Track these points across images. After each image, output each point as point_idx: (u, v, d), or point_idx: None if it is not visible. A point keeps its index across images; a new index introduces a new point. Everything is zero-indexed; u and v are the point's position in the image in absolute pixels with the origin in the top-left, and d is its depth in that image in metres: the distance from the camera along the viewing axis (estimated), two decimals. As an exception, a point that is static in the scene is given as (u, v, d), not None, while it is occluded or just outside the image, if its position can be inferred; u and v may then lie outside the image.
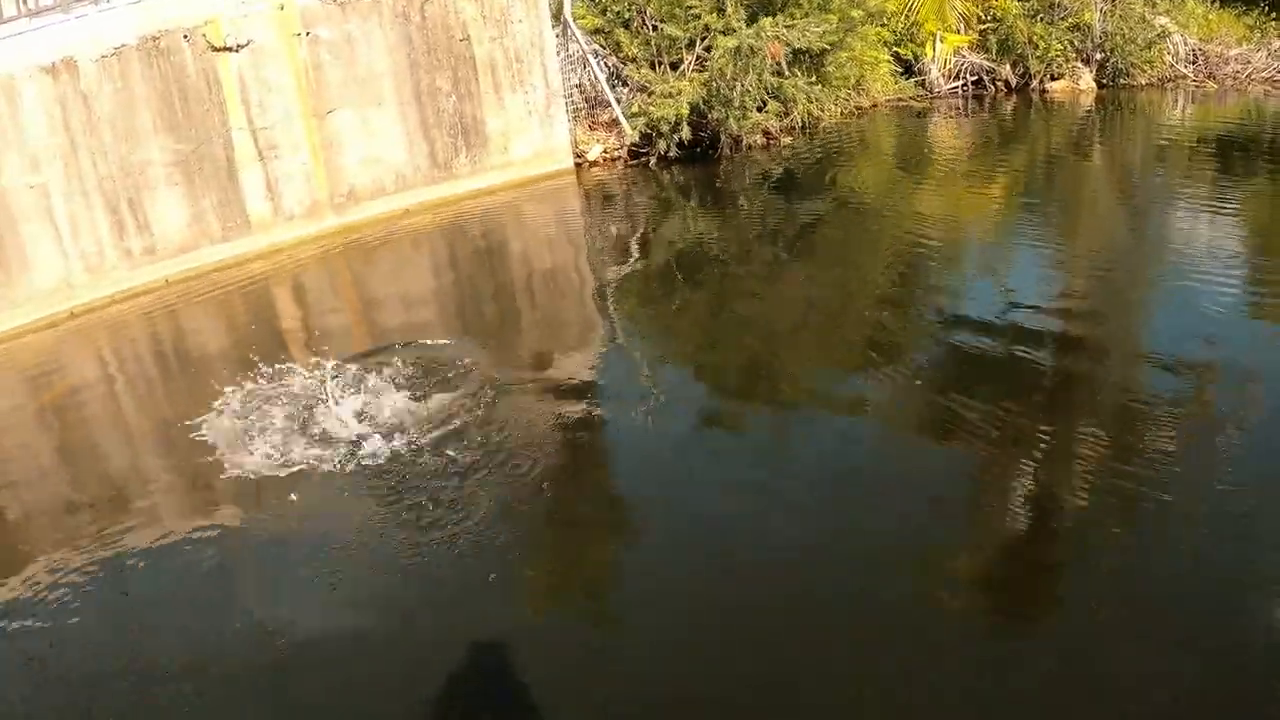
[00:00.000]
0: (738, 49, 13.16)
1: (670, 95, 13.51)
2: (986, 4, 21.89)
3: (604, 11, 14.88)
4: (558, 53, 13.78)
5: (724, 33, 13.48)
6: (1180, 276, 9.72)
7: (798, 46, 13.98)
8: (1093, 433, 6.36)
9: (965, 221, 12.57)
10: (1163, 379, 7.37)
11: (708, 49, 13.69)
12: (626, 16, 14.55)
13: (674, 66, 14.22)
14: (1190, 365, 7.57)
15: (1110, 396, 7.11)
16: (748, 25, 13.47)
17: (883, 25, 19.67)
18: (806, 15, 14.47)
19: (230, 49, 10.06)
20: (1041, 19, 21.73)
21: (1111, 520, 5.48)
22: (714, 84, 13.37)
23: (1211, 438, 6.30)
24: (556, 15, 13.88)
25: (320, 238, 11.28)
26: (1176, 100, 22.29)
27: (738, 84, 13.25)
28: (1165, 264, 10.42)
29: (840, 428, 6.75)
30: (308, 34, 10.71)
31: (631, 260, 10.90)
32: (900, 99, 20.11)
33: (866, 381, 7.50)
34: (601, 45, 15.01)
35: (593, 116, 14.68)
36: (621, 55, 14.86)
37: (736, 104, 13.42)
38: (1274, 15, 24.90)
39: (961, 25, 21.78)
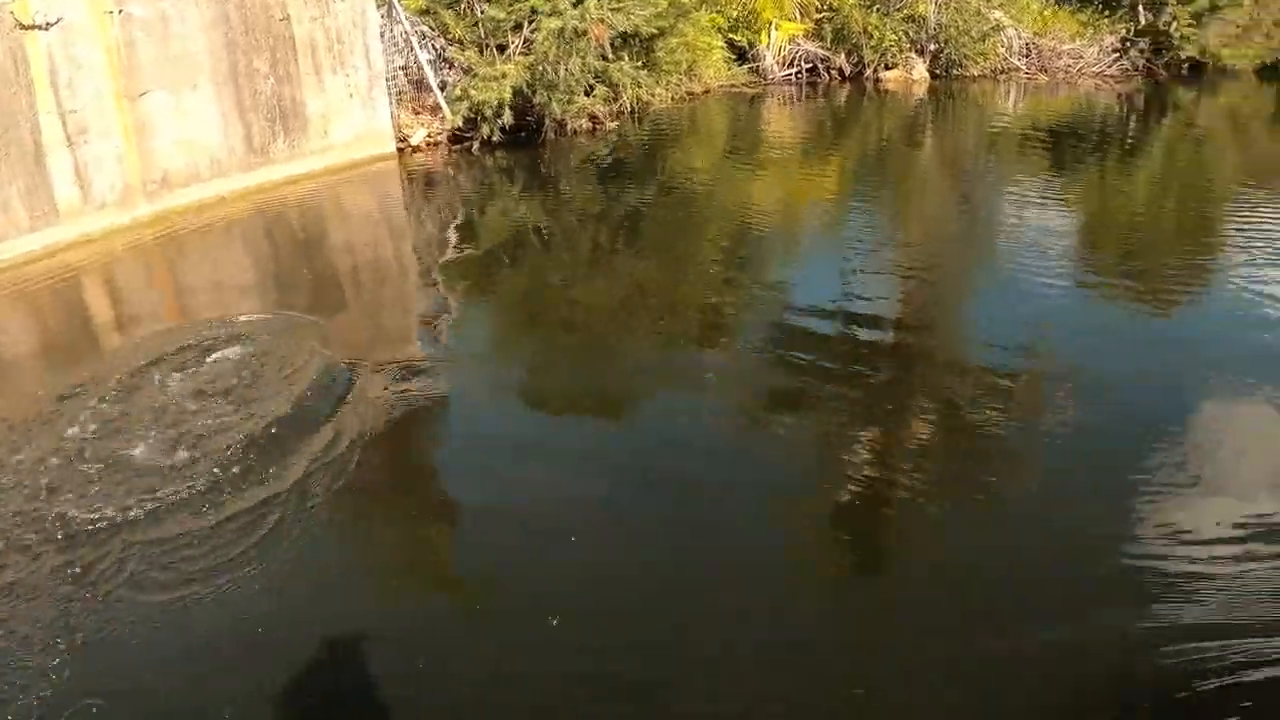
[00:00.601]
0: (561, 30, 14.37)
1: (494, 79, 14.54)
2: (824, -8, 24.24)
3: None
4: (382, 34, 14.69)
5: (549, 15, 14.67)
6: (1009, 262, 10.90)
7: (623, 29, 15.48)
8: (920, 411, 6.82)
9: (796, 207, 13.63)
10: (989, 360, 7.92)
11: (535, 31, 14.89)
12: None
13: (501, 49, 15.57)
14: (1016, 347, 8.29)
15: (938, 376, 7.61)
16: (574, 7, 14.70)
17: (717, 11, 21.57)
18: None
19: (39, 27, 10.40)
20: (877, 9, 24.38)
21: (932, 489, 5.89)
22: (539, 67, 14.53)
23: (1033, 418, 6.82)
24: None
25: (133, 227, 11.61)
26: (1009, 92, 25.26)
27: (561, 67, 14.51)
28: (994, 250, 11.60)
29: (670, 405, 7.00)
30: (120, 11, 11.14)
31: (453, 246, 11.37)
32: (733, 85, 22.61)
33: (695, 361, 7.93)
34: (430, 27, 16.14)
35: (418, 100, 15.76)
36: (450, 37, 16.01)
37: (561, 88, 14.74)
38: (1106, 13, 28.44)
39: (798, 13, 24.23)
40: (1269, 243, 11.36)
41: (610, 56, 15.62)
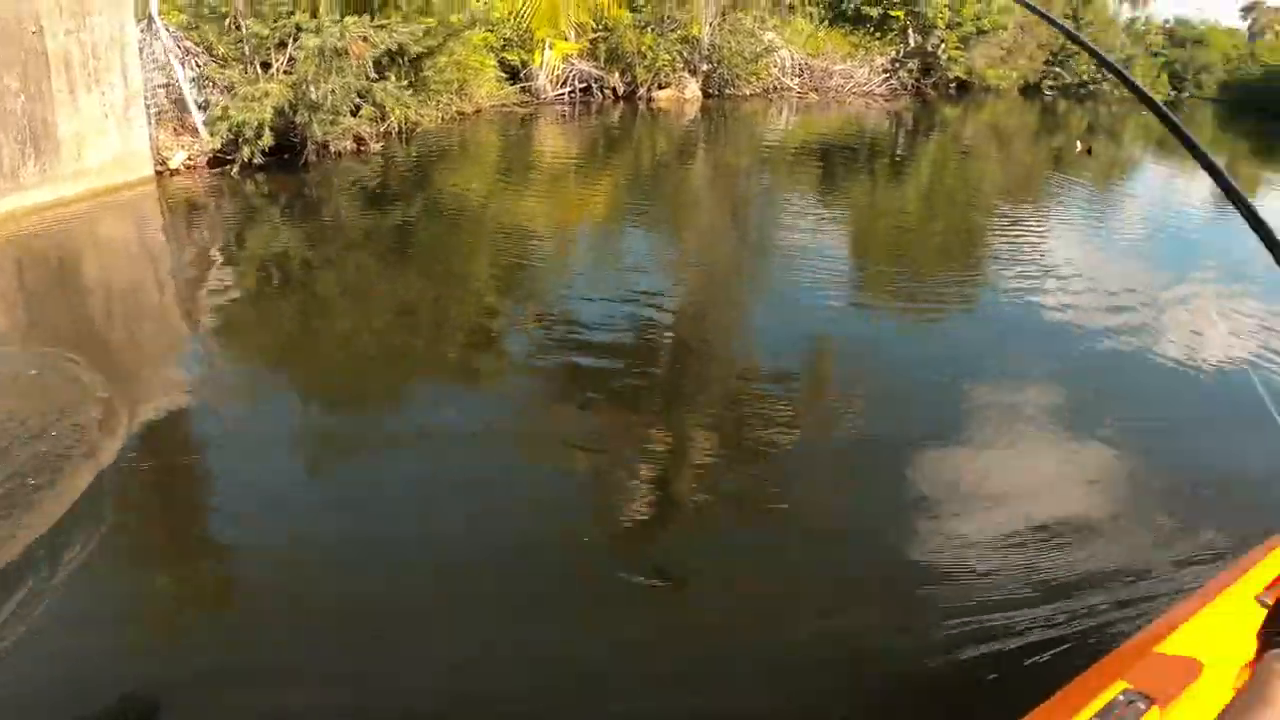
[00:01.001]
0: (321, 48, 14.74)
1: (254, 98, 14.69)
2: (599, 14, 26.11)
3: (196, 6, 16.14)
4: (141, 50, 14.65)
5: (310, 32, 15.00)
6: (781, 278, 11.64)
7: (387, 48, 16.36)
8: (700, 428, 7.06)
9: (568, 227, 14.08)
10: (765, 368, 8.35)
11: (299, 49, 15.12)
12: (220, 11, 16.04)
13: (266, 67, 16.02)
14: (789, 360, 8.69)
15: (716, 390, 7.93)
16: (334, 24, 15.04)
17: (490, 30, 23.02)
18: (405, 17, 17.43)
19: None
20: (651, 30, 26.31)
21: (706, 502, 6.16)
22: (301, 86, 14.82)
23: (804, 428, 7.12)
24: (142, 9, 14.73)
25: None
26: (780, 111, 27.94)
27: (322, 86, 14.86)
28: (766, 266, 12.35)
29: (445, 428, 6.98)
30: None
31: (211, 277, 10.96)
32: (505, 105, 24.52)
33: (469, 382, 8.02)
34: (195, 42, 16.35)
35: (180, 120, 15.82)
36: (214, 54, 16.50)
37: (325, 108, 15.43)
38: (878, 35, 31.39)
39: (573, 33, 26.04)
40: (1027, 255, 12.79)
41: (373, 76, 16.32)
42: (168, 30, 15.68)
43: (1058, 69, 36.21)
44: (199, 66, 16.06)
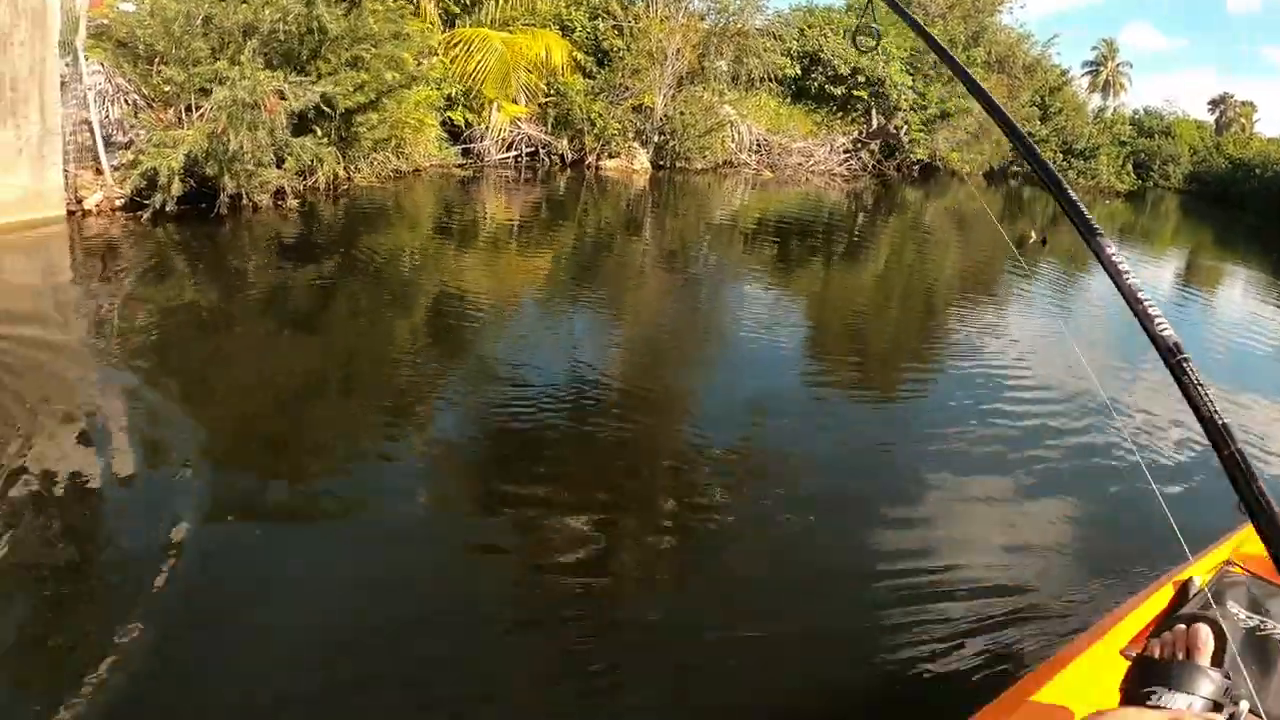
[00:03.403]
0: (233, 101, 14.83)
1: (165, 145, 15.15)
2: (552, 78, 26.98)
3: (117, 46, 16.26)
4: (65, 85, 14.71)
5: (219, 84, 15.03)
6: (727, 354, 11.84)
7: (302, 106, 16.51)
8: (627, 514, 7.08)
9: (506, 295, 13.90)
10: (712, 446, 8.42)
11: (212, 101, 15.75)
12: (143, 52, 16.18)
13: (192, 110, 16.10)
14: (739, 434, 8.88)
15: (661, 464, 8.01)
16: (244, 79, 15.10)
17: (436, 88, 23.70)
18: (334, 71, 17.74)
19: None
20: (603, 97, 27.05)
21: (641, 571, 6.29)
22: (214, 137, 15.35)
23: (743, 499, 7.38)
24: (67, 43, 15.37)
25: None
26: (735, 186, 28.40)
27: (233, 139, 14.90)
28: (712, 343, 12.48)
29: (332, 505, 6.84)
30: None
31: (103, 323, 10.74)
32: (446, 165, 24.78)
33: (368, 458, 7.80)
34: (127, 81, 16.57)
35: (100, 161, 15.72)
36: (144, 95, 16.62)
37: (245, 160, 15.61)
38: (840, 114, 32.36)
39: (523, 96, 26.70)
40: (978, 343, 13.23)
41: (290, 131, 16.52)
42: (91, 66, 15.81)
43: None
44: (128, 105, 16.22)
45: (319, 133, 17.53)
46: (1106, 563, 6.75)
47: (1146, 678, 2.13)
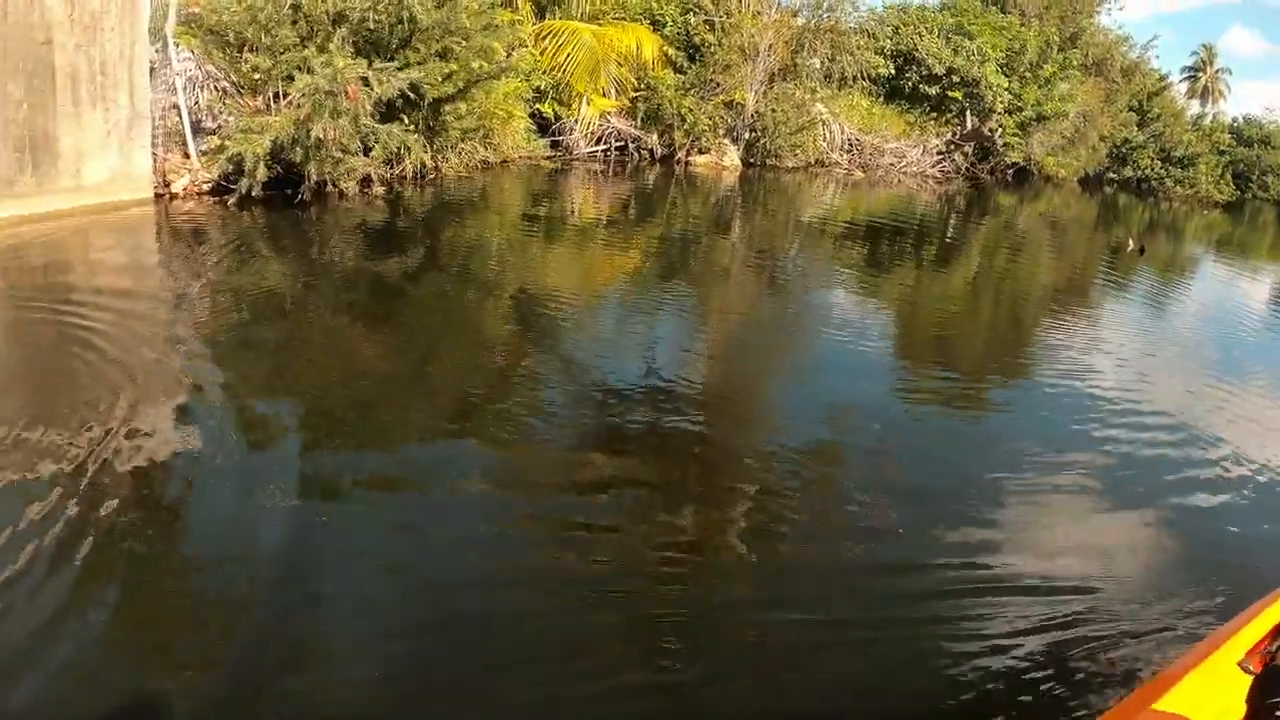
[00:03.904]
0: (314, 89, 14.83)
1: (252, 131, 14.83)
2: (642, 72, 26.65)
3: (207, 32, 16.40)
4: (154, 70, 15.03)
5: (303, 71, 15.13)
6: (815, 359, 11.40)
7: (385, 93, 16.31)
8: (713, 522, 6.95)
9: (588, 292, 13.72)
10: (793, 449, 8.23)
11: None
12: (231, 39, 16.37)
13: (281, 97, 16.21)
14: (820, 438, 8.64)
15: (739, 464, 7.90)
16: (325, 66, 15.11)
17: (524, 80, 23.49)
18: (423, 61, 17.51)
19: None
20: (694, 92, 26.67)
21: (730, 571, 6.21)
22: (300, 124, 14.90)
23: (835, 501, 7.24)
24: (157, 30, 15.25)
25: None
26: (826, 185, 27.83)
27: (317, 125, 14.90)
28: (800, 345, 12.08)
29: (447, 507, 6.77)
30: None
31: (187, 302, 10.97)
32: (534, 157, 24.55)
33: (468, 452, 7.68)
34: (216, 67, 16.73)
35: (187, 145, 15.90)
36: (232, 81, 16.88)
37: (330, 147, 15.50)
38: (934, 115, 31.65)
39: (613, 90, 26.40)
40: (1072, 353, 12.64)
41: (375, 118, 16.34)
42: (181, 52, 16.02)
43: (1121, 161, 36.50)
44: (217, 91, 16.37)
45: (406, 121, 17.43)
46: (1211, 578, 6.59)
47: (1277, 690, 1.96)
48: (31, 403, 7.77)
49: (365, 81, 15.74)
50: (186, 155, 16.01)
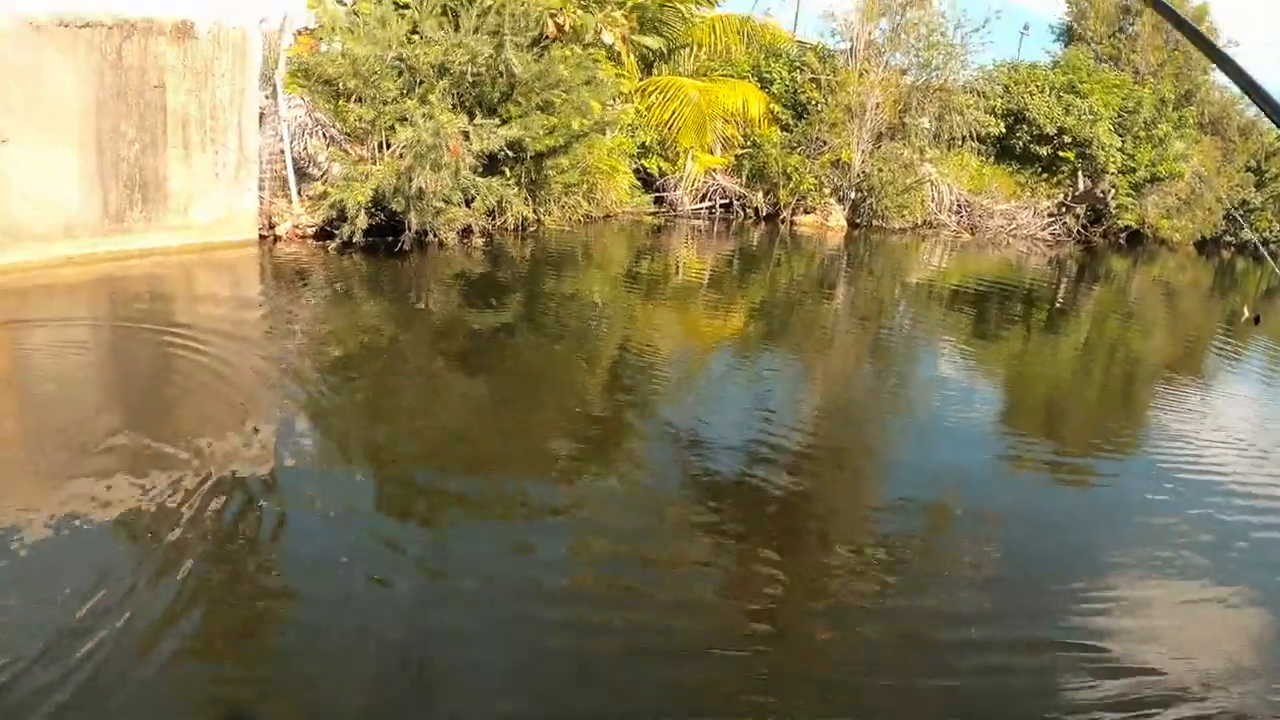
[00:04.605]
0: (417, 141, 15.02)
1: (355, 179, 15.15)
2: (748, 129, 26.51)
3: (313, 82, 16.78)
4: (264, 116, 15.52)
5: (404, 124, 15.41)
6: (919, 425, 11.21)
7: (486, 148, 16.31)
8: (823, 563, 7.15)
9: (688, 351, 13.74)
10: (897, 516, 8.21)
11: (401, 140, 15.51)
12: (335, 89, 16.74)
13: (385, 147, 16.34)
14: (925, 505, 8.57)
15: (845, 531, 7.83)
16: (427, 120, 15.32)
17: (629, 135, 23.48)
18: (524, 114, 17.43)
19: None
20: (800, 151, 26.43)
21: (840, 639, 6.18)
22: (402, 174, 15.14)
23: (934, 569, 7.18)
24: (267, 77, 15.66)
25: None
26: (934, 248, 27.25)
27: (418, 177, 15.08)
28: (904, 410, 11.96)
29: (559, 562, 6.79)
30: None
31: (284, 342, 11.30)
32: (638, 212, 24.35)
33: (542, 511, 7.58)
34: (325, 115, 17.17)
35: (297, 188, 16.37)
36: (340, 130, 17.33)
37: (432, 198, 15.58)
38: (1045, 176, 30.96)
39: (719, 147, 26.26)
40: (1183, 429, 12.20)
41: (478, 170, 16.36)
42: (292, 100, 16.38)
43: (1237, 223, 35.34)
44: (324, 139, 16.78)
45: (508, 174, 17.47)
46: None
47: None
48: (143, 418, 8.36)
49: (466, 136, 15.79)
50: (291, 200, 16.33)
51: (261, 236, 15.73)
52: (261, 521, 6.67)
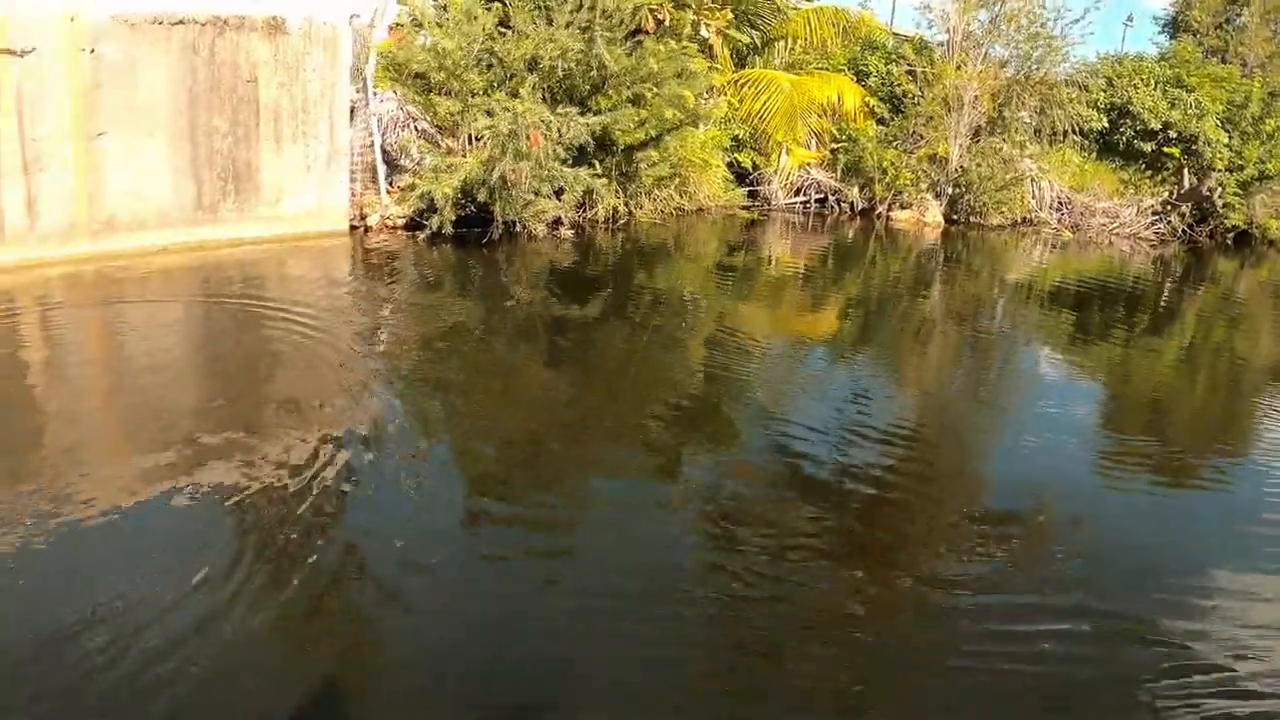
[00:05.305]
0: (495, 131, 15.18)
1: (442, 171, 15.40)
2: (843, 123, 26.11)
3: (416, 75, 17.02)
4: (355, 110, 15.84)
5: (486, 114, 15.52)
6: (1015, 428, 11.15)
7: (571, 139, 16.18)
8: (919, 569, 7.16)
9: (781, 346, 13.78)
10: (991, 526, 8.09)
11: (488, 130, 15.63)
12: (423, 83, 17.03)
13: (476, 139, 16.45)
14: (1018, 508, 8.56)
15: (937, 537, 7.80)
16: (505, 110, 15.42)
17: (722, 129, 23.28)
18: (614, 107, 17.24)
19: (14, 53, 11.70)
20: (896, 145, 25.96)
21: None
22: (489, 166, 15.28)
23: (1024, 581, 7.18)
24: (358, 71, 15.92)
25: (72, 260, 12.67)
26: (1033, 246, 26.48)
27: (500, 167, 15.17)
28: (1000, 412, 11.92)
29: (648, 534, 7.19)
30: (93, 51, 12.39)
31: (374, 330, 11.69)
32: (731, 206, 23.97)
33: (636, 506, 7.86)
34: (416, 108, 17.58)
35: (389, 179, 16.81)
36: (431, 123, 17.57)
37: (520, 189, 15.67)
38: (1149, 173, 29.97)
39: (813, 141, 25.92)
40: None
41: (562, 161, 16.24)
42: (379, 94, 16.76)
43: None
44: (415, 132, 16.94)
45: (597, 166, 17.39)
46: None
47: None
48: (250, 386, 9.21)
49: (546, 125, 15.72)
50: (379, 191, 16.71)
51: (353, 227, 16.01)
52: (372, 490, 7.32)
